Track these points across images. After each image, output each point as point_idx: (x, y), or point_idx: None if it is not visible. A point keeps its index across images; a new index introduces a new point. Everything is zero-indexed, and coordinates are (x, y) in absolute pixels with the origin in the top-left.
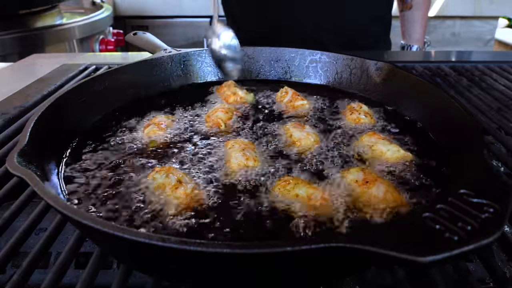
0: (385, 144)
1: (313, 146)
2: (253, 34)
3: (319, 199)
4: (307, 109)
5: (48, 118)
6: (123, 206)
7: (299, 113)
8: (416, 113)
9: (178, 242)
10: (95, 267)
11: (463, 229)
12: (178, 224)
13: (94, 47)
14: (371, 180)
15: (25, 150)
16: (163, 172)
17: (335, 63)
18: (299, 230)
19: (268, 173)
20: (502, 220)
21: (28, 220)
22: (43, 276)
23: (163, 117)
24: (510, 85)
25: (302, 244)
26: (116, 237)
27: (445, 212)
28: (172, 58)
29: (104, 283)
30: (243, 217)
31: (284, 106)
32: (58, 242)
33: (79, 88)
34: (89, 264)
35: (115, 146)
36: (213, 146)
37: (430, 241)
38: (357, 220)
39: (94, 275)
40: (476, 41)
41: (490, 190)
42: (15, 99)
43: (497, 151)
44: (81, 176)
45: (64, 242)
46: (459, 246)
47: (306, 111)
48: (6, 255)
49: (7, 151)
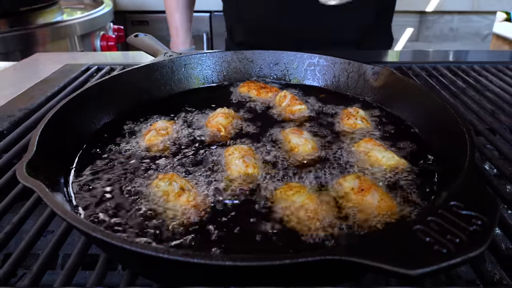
0: (380, 151)
1: (311, 152)
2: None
3: (312, 209)
4: (306, 113)
5: (54, 126)
6: (129, 214)
7: (298, 117)
8: (411, 118)
9: (183, 255)
10: (103, 270)
11: (452, 241)
12: (182, 231)
13: (95, 44)
14: (366, 188)
15: (33, 160)
16: (166, 179)
17: (333, 66)
18: (296, 239)
19: (267, 180)
20: (489, 233)
21: (37, 225)
22: (51, 277)
23: (164, 122)
24: (504, 87)
25: (300, 257)
26: (125, 249)
27: (435, 225)
28: (173, 61)
29: (110, 283)
30: (243, 224)
31: (283, 110)
32: (66, 244)
33: (82, 94)
34: (97, 266)
35: (119, 152)
36: (214, 152)
37: (420, 254)
38: (351, 229)
39: (103, 277)
40: (474, 36)
41: (480, 202)
42: (19, 101)
43: (490, 154)
44: (87, 183)
45: (71, 244)
46: (447, 259)
47: (304, 115)
48: (17, 259)
49: (14, 153)
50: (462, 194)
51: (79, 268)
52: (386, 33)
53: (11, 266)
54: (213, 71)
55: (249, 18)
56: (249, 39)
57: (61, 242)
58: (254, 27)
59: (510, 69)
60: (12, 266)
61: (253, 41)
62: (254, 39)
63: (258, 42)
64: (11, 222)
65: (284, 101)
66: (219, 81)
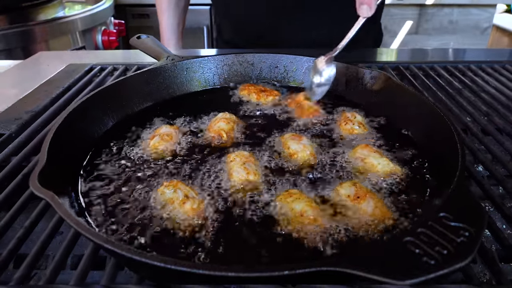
0: (376, 158)
1: (309, 159)
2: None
3: (311, 217)
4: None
5: (61, 134)
6: (138, 222)
7: (297, 121)
8: (407, 124)
9: (190, 266)
10: (113, 270)
11: (440, 253)
12: (187, 237)
13: (96, 39)
14: (361, 195)
15: (44, 169)
16: (171, 187)
17: None
18: (295, 245)
19: (267, 187)
20: (475, 245)
21: (48, 229)
22: (60, 277)
23: (167, 127)
24: (499, 87)
25: (297, 268)
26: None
27: (424, 236)
28: (176, 65)
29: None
30: (245, 230)
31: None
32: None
33: (87, 101)
34: (107, 268)
35: (126, 158)
36: (216, 158)
37: (410, 264)
38: (348, 237)
39: (114, 277)
40: (473, 29)
41: (468, 213)
42: (25, 103)
43: (482, 156)
44: (96, 192)
45: (79, 245)
46: (435, 270)
47: (303, 119)
48: (32, 261)
49: (23, 156)
50: (451, 205)
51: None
52: (375, 31)
53: (26, 269)
54: (214, 74)
55: (237, 13)
56: (237, 36)
57: (72, 244)
58: (241, 24)
59: (506, 69)
60: (27, 268)
61: (240, 38)
62: (241, 36)
63: (246, 38)
64: (24, 226)
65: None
66: (220, 84)
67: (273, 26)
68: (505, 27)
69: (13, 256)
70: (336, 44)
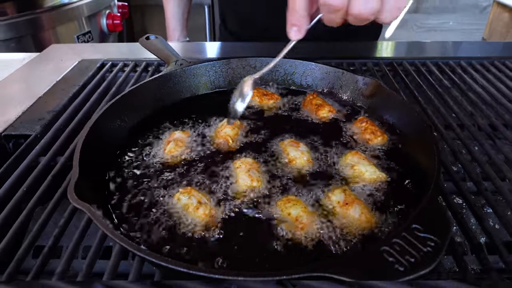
0: (364, 165)
1: (306, 165)
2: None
3: (306, 222)
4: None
5: (87, 146)
6: (161, 228)
7: (296, 125)
8: (397, 129)
9: (207, 271)
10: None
11: (408, 261)
12: (200, 240)
13: (101, 23)
14: (350, 201)
15: (78, 180)
16: (186, 193)
17: (327, 75)
18: (294, 248)
19: (270, 193)
20: (439, 254)
21: (79, 229)
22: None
23: (180, 133)
24: (486, 86)
25: (293, 273)
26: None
27: (398, 246)
28: (184, 71)
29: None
30: (251, 234)
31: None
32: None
33: (107, 112)
34: (112, 256)
35: (144, 167)
36: (224, 163)
37: (384, 271)
38: (337, 243)
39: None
40: (473, 8)
41: (436, 225)
42: (46, 102)
43: (463, 159)
44: (121, 198)
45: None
46: (403, 275)
47: (302, 123)
48: (48, 252)
49: (51, 156)
50: (423, 217)
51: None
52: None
53: (44, 258)
54: (220, 77)
55: (243, 11)
56: (242, 30)
57: (82, 236)
58: (246, 20)
59: (495, 65)
60: (45, 258)
61: (245, 32)
62: (246, 31)
63: (250, 33)
64: (59, 225)
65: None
66: (225, 86)
67: (276, 24)
68: (506, 3)
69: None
70: (336, 40)
